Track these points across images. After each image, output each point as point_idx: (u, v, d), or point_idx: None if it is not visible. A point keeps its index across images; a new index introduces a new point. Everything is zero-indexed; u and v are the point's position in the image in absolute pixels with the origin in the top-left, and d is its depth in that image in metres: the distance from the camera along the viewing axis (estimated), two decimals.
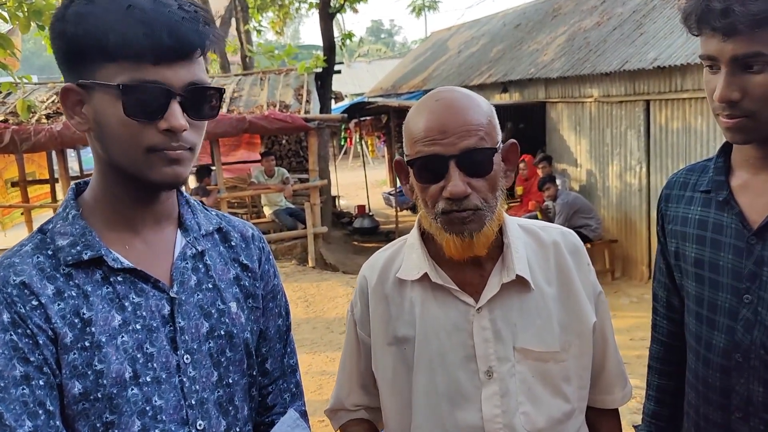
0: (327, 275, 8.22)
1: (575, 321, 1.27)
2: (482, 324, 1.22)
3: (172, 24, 0.94)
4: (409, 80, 15.70)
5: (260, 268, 1.21)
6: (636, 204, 7.97)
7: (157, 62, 0.94)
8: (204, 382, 1.06)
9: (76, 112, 1.01)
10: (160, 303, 1.04)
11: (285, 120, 8.49)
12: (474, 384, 1.21)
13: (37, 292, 0.97)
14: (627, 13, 9.15)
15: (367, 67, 30.33)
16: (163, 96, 0.96)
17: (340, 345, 5.70)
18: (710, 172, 1.37)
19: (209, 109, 1.03)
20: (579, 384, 1.27)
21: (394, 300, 1.30)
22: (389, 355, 1.30)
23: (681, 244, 1.39)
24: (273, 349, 1.24)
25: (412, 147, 1.19)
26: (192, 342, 1.05)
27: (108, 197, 1.06)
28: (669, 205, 1.45)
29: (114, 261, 1.02)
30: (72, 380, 0.96)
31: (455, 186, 1.14)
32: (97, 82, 0.96)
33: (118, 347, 0.98)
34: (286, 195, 9.37)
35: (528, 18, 13.16)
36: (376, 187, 16.07)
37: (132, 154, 0.98)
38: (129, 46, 0.93)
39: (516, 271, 1.22)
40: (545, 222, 1.38)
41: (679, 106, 7.09)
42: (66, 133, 8.08)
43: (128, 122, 0.96)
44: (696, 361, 1.36)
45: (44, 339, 0.95)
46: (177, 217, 1.14)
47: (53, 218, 1.06)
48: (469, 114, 1.16)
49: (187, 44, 0.96)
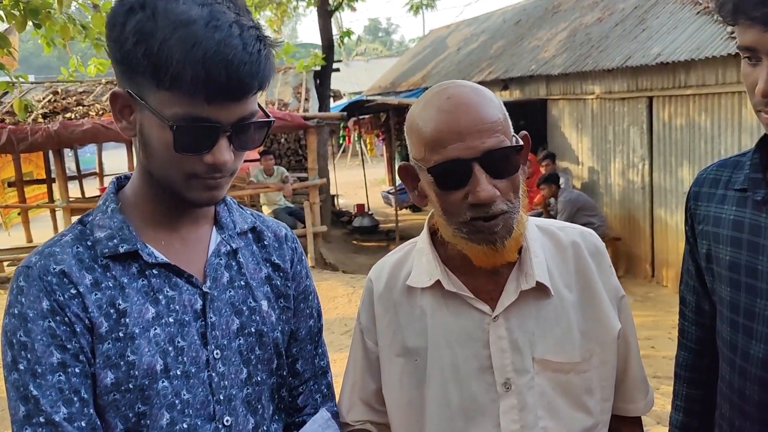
0: (327, 275, 8.14)
1: (597, 329, 1.18)
2: (498, 333, 1.13)
3: (233, 67, 0.93)
4: (408, 78, 15.62)
5: (292, 268, 1.21)
6: (639, 201, 7.90)
7: (211, 102, 0.94)
8: (233, 378, 1.06)
9: (124, 116, 1.02)
10: (193, 298, 1.05)
11: (284, 118, 8.43)
12: (490, 397, 1.13)
13: (75, 281, 0.98)
14: (629, 9, 9.07)
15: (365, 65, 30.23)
16: (213, 132, 0.97)
17: (341, 346, 5.68)
18: (745, 168, 1.27)
19: (256, 140, 1.04)
20: (602, 396, 1.19)
21: (402, 308, 1.22)
22: (398, 367, 1.22)
23: (714, 246, 1.30)
24: (304, 350, 1.23)
25: (427, 152, 1.09)
26: (222, 338, 1.06)
27: (148, 196, 1.07)
28: (699, 204, 1.35)
29: (149, 255, 1.03)
30: (105, 370, 0.97)
31: (483, 191, 1.05)
32: (149, 107, 0.96)
33: (150, 339, 1.00)
34: (286, 194, 9.30)
35: (528, 14, 13.08)
36: (375, 186, 16.00)
37: (173, 177, 1.00)
38: (186, 84, 0.92)
39: (536, 277, 1.13)
40: (563, 222, 1.29)
41: (683, 103, 7.01)
42: (63, 133, 8.03)
43: (173, 152, 0.97)
44: (731, 371, 1.27)
45: (81, 328, 0.97)
46: (213, 215, 1.15)
47: (93, 210, 1.08)
48: (485, 110, 1.07)
49: (245, 86, 0.95)
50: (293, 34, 58.70)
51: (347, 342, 5.89)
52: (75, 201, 9.61)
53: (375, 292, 1.26)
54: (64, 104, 8.97)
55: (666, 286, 7.42)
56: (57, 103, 8.99)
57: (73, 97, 9.26)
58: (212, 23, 0.92)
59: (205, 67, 0.91)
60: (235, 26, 0.94)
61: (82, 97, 9.26)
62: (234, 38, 0.93)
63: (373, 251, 10.60)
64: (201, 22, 0.92)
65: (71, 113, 8.66)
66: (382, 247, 10.79)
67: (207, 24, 0.92)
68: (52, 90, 9.55)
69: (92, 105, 8.89)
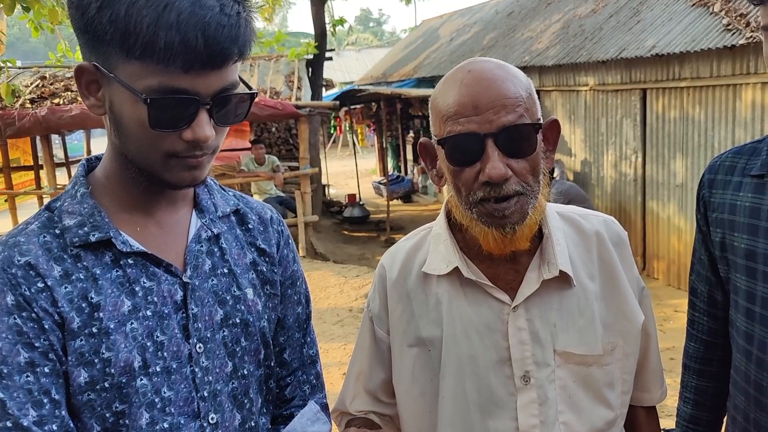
0: (318, 264, 8.10)
1: (621, 320, 1.15)
2: (518, 324, 1.10)
3: (210, 31, 0.84)
4: (400, 68, 15.53)
5: (278, 252, 1.13)
6: (631, 194, 7.90)
7: (188, 70, 0.85)
8: (218, 372, 1.00)
9: (91, 92, 0.92)
10: (172, 288, 0.98)
11: (276, 107, 8.35)
12: (508, 390, 1.10)
13: (43, 273, 0.90)
14: (623, 0, 9.05)
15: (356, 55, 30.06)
16: (192, 105, 0.88)
17: (333, 336, 5.66)
18: (763, 154, 1.25)
19: (239, 114, 0.95)
20: (623, 389, 1.17)
21: (417, 296, 1.18)
22: (409, 357, 1.18)
23: (729, 234, 1.27)
24: (291, 338, 1.16)
25: (442, 125, 1.06)
26: (205, 330, 0.99)
27: (121, 178, 0.98)
28: (714, 192, 1.32)
29: (123, 244, 0.95)
30: (78, 368, 0.90)
31: (494, 168, 1.00)
32: (119, 79, 0.86)
33: (127, 334, 0.93)
34: (277, 183, 9.23)
35: (521, 5, 13.02)
36: (366, 176, 15.94)
37: (150, 157, 0.92)
38: (159, 51, 0.83)
39: (558, 266, 1.10)
40: (586, 209, 1.25)
41: (677, 95, 7.00)
42: (51, 119, 7.93)
43: (150, 129, 0.88)
44: (747, 362, 1.24)
45: (50, 323, 0.89)
46: (193, 197, 1.07)
47: (62, 195, 0.99)
48: (506, 86, 1.03)
49: (224, 53, 0.87)
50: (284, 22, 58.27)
51: (339, 332, 5.89)
52: (62, 188, 9.48)
53: (388, 279, 1.22)
54: (52, 89, 8.84)
55: (657, 279, 7.44)
56: (45, 89, 8.85)
57: (61, 82, 9.12)
58: None
59: (180, 31, 0.82)
60: None
61: (71, 82, 9.12)
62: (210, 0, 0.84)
63: (363, 242, 10.56)
64: None
65: (59, 99, 8.55)
66: (373, 237, 10.76)
67: None
68: (40, 75, 9.40)
69: None
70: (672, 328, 5.63)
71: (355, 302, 6.59)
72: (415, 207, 13.29)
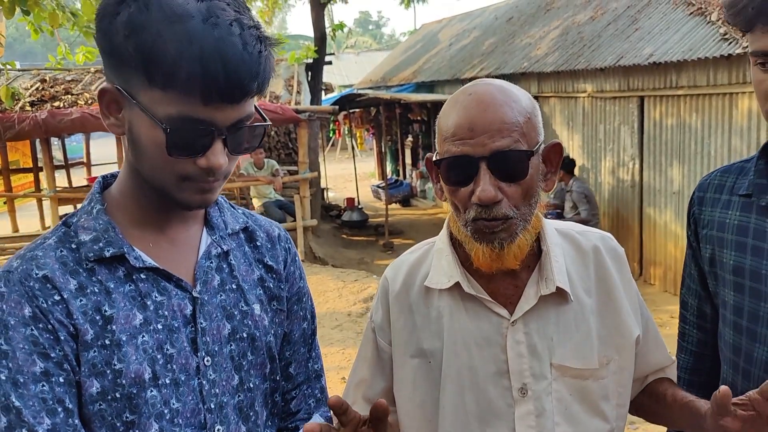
0: (317, 269, 8.12)
1: (616, 335, 1.19)
2: (516, 338, 1.14)
3: (231, 66, 0.88)
4: (399, 72, 15.58)
5: (285, 269, 1.17)
6: (628, 200, 7.95)
7: (208, 103, 0.90)
8: (224, 385, 1.03)
9: (111, 112, 0.97)
10: (182, 302, 1.01)
11: (276, 111, 8.38)
12: (506, 402, 1.13)
13: (59, 286, 0.94)
14: (621, 8, 9.10)
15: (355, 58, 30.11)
16: (208, 135, 0.93)
17: (332, 340, 5.68)
18: (750, 174, 1.30)
19: (252, 144, 1.00)
20: (618, 402, 1.20)
21: (419, 309, 1.21)
22: (410, 368, 1.22)
23: (718, 250, 1.32)
24: (297, 353, 1.20)
25: (441, 145, 1.11)
26: (213, 344, 1.03)
27: (135, 196, 1.03)
28: (703, 209, 1.38)
29: (136, 259, 0.99)
30: (90, 378, 0.94)
31: (484, 191, 1.05)
32: (140, 105, 0.91)
33: (138, 347, 0.96)
34: (276, 188, 9.25)
35: (520, 11, 13.08)
36: (365, 180, 15.97)
37: (164, 179, 0.97)
38: (181, 82, 0.87)
39: (556, 282, 1.13)
40: (584, 226, 1.29)
41: (674, 103, 7.06)
42: (51, 122, 7.94)
43: (165, 154, 0.93)
44: (734, 373, 1.29)
45: (65, 335, 0.93)
46: (204, 215, 1.11)
47: (78, 211, 1.03)
48: (504, 110, 1.06)
49: (244, 88, 0.91)
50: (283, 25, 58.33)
51: (338, 336, 5.91)
52: (62, 190, 9.50)
53: (391, 291, 1.25)
54: (52, 93, 8.85)
55: (653, 285, 7.48)
56: (45, 92, 8.87)
57: (61, 85, 9.14)
58: (211, 19, 0.87)
59: (202, 65, 0.86)
60: (235, 24, 0.89)
61: (71, 85, 9.14)
62: (234, 36, 0.88)
63: (362, 246, 10.59)
64: (199, 17, 0.87)
65: (59, 102, 8.56)
66: (372, 241, 10.78)
67: (205, 20, 0.87)
68: (40, 78, 9.42)
69: (81, 94, 8.77)
70: (668, 334, 5.64)
71: (354, 306, 6.61)
72: (414, 211, 13.32)
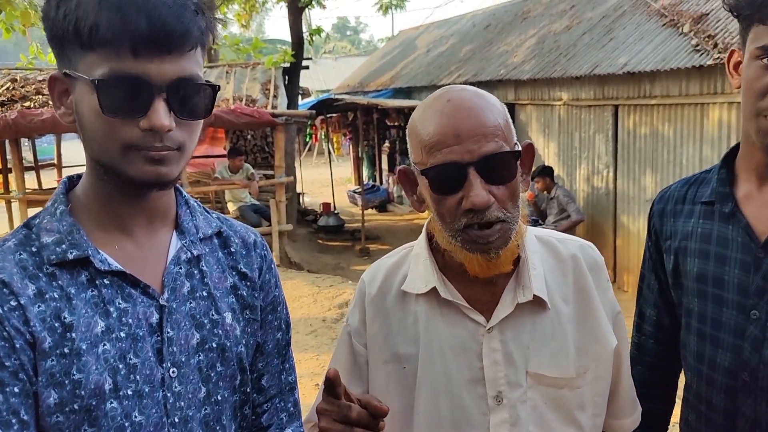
0: (292, 274, 8.06)
1: (593, 344, 1.18)
2: (492, 345, 1.12)
3: (151, 10, 0.85)
4: (376, 78, 15.60)
5: (260, 277, 1.12)
6: (603, 208, 8.04)
7: (137, 54, 0.86)
8: (190, 398, 0.98)
9: (62, 102, 0.95)
10: (148, 310, 0.96)
11: (252, 115, 8.31)
12: (481, 410, 1.12)
13: (16, 291, 0.89)
14: (597, 18, 9.23)
15: (333, 63, 30.12)
16: (145, 92, 0.88)
17: (306, 346, 5.63)
18: (712, 183, 1.31)
19: (201, 107, 0.94)
20: (594, 411, 1.19)
21: (395, 314, 1.20)
22: (385, 373, 1.20)
23: (681, 260, 1.33)
24: (270, 364, 1.15)
25: (425, 155, 1.08)
26: (180, 354, 0.98)
27: (98, 193, 0.98)
28: (664, 221, 1.39)
29: (101, 262, 0.94)
30: (48, 389, 0.88)
31: (477, 196, 1.03)
32: (76, 74, 0.88)
33: (98, 356, 0.91)
34: (253, 192, 9.18)
35: (498, 19, 13.19)
36: (341, 185, 15.94)
37: (109, 150, 0.91)
38: (103, 34, 0.85)
39: (533, 290, 1.12)
40: (564, 234, 1.28)
41: (648, 112, 7.16)
42: (21, 122, 7.77)
43: (104, 117, 0.89)
44: (698, 381, 1.30)
45: (22, 343, 0.88)
46: (174, 218, 1.06)
47: (41, 213, 0.98)
48: (485, 115, 1.06)
49: (171, 34, 0.87)
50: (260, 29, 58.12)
51: (312, 342, 5.86)
52: (31, 192, 9.31)
53: (368, 295, 1.23)
54: (23, 92, 8.68)
55: (627, 291, 7.56)
56: (15, 91, 8.70)
57: (32, 85, 8.96)
58: None
59: (122, 12, 0.84)
60: None
61: (42, 85, 8.97)
62: None
63: (338, 251, 10.55)
64: None
65: (30, 102, 8.40)
66: (348, 247, 10.75)
67: None
68: (11, 77, 9.24)
69: None
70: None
71: (329, 312, 6.57)
72: (391, 216, 13.32)
